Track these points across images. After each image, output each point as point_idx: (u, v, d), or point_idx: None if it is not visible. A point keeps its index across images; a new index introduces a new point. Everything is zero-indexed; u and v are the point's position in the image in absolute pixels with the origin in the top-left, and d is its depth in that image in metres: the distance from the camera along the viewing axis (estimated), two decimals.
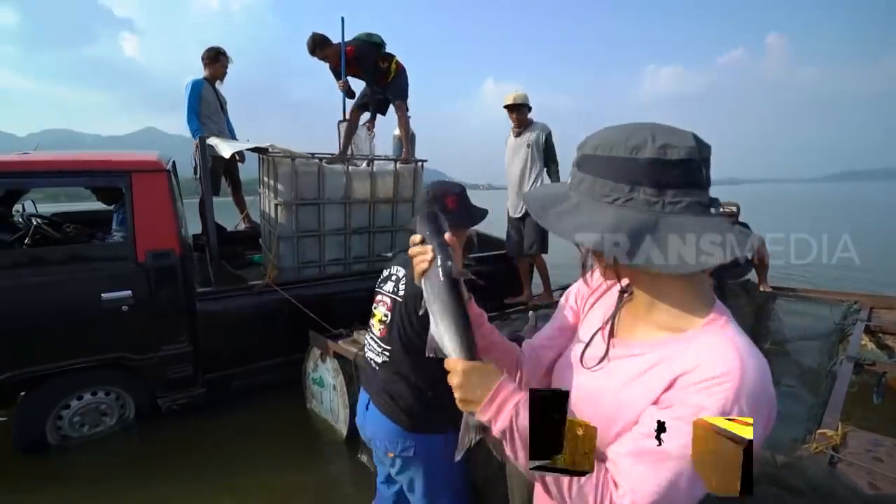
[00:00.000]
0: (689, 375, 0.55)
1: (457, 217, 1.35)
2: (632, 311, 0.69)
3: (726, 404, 0.51)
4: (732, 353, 0.55)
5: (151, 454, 2.65)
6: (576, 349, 0.75)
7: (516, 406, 0.60)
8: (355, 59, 3.93)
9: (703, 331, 0.59)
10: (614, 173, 0.58)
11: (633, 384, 0.61)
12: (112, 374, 2.67)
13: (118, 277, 2.54)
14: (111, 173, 2.62)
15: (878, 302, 3.44)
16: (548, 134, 3.76)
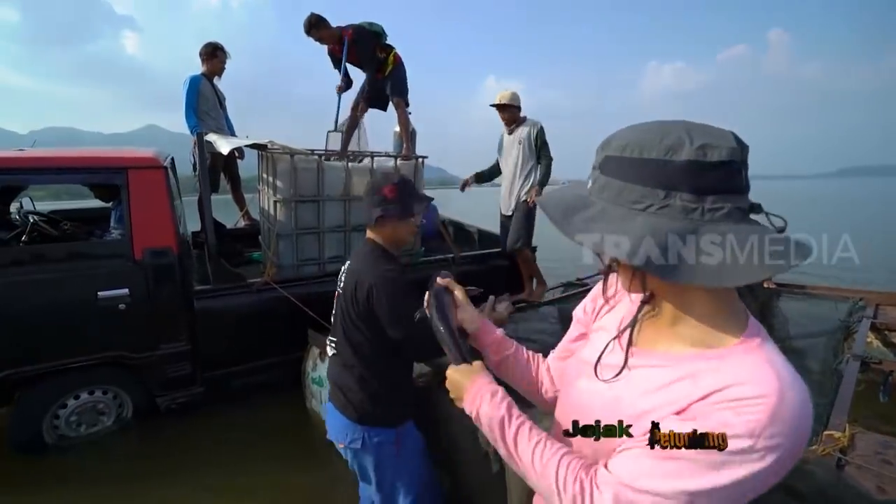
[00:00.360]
0: (719, 394, 0.50)
1: (394, 207, 1.37)
2: (653, 323, 0.63)
3: (756, 427, 0.46)
4: (771, 376, 0.49)
5: (150, 454, 2.63)
6: (586, 355, 0.72)
7: (482, 396, 0.69)
8: (354, 44, 3.87)
9: (736, 349, 0.53)
10: (647, 178, 0.52)
11: (654, 394, 0.57)
12: (110, 373, 2.65)
13: (115, 275, 2.52)
14: (108, 170, 2.59)
15: (883, 298, 3.41)
16: (539, 129, 3.68)
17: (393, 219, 1.40)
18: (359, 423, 1.39)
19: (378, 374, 1.40)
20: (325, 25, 3.83)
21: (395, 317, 1.30)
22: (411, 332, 1.27)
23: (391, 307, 1.30)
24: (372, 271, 1.34)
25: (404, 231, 1.45)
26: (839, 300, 3.52)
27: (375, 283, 1.31)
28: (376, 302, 1.31)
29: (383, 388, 1.40)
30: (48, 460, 2.53)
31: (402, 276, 1.35)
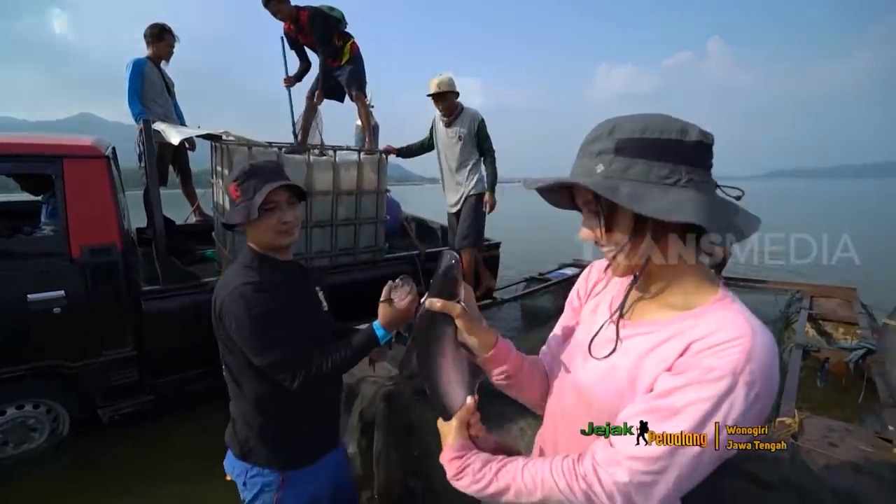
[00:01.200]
0: (700, 342, 0.57)
1: (239, 210, 1.13)
2: (641, 298, 0.70)
3: (737, 366, 0.53)
4: (742, 322, 0.57)
5: (91, 472, 2.41)
6: (580, 338, 0.77)
7: (459, 471, 0.71)
8: (309, 25, 3.70)
9: (712, 306, 0.61)
10: (670, 155, 0.58)
11: (647, 357, 0.62)
12: (42, 385, 2.40)
13: (48, 276, 2.28)
14: (39, 159, 2.33)
15: (817, 291, 3.70)
16: (480, 122, 3.52)
17: (243, 224, 1.14)
18: (240, 459, 1.19)
19: (260, 407, 1.16)
20: (285, 0, 3.65)
21: (253, 343, 1.06)
22: (278, 357, 1.06)
23: (240, 330, 1.06)
24: (224, 287, 1.11)
25: (263, 232, 1.15)
26: (779, 292, 3.79)
27: (224, 303, 1.09)
28: (229, 326, 1.08)
29: (268, 424, 1.16)
30: None
31: (259, 290, 1.08)
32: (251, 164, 1.16)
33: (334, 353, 1.11)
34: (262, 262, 1.16)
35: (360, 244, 3.79)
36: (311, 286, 1.29)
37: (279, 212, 1.14)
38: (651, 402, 0.57)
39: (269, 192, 1.09)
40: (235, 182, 1.14)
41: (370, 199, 3.81)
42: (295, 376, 1.05)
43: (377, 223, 3.89)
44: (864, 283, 4.25)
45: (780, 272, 6.14)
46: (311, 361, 1.08)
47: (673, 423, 0.54)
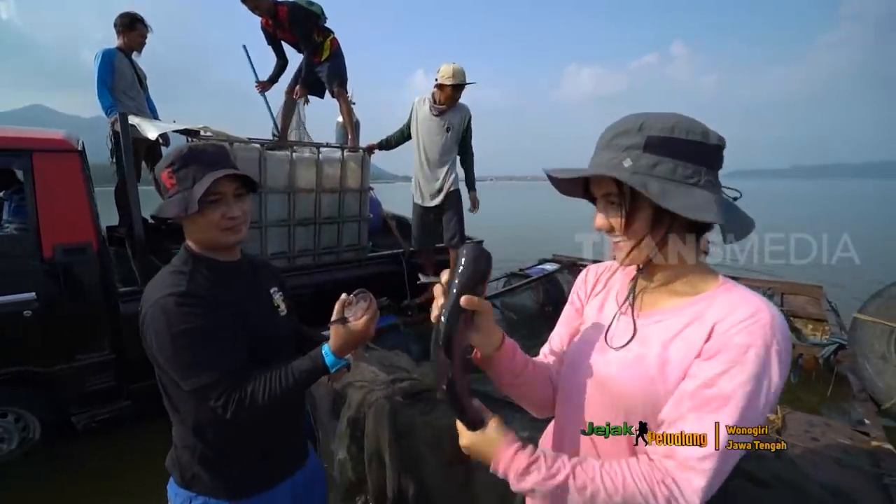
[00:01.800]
0: (722, 323, 0.60)
1: (174, 201, 0.94)
2: (647, 290, 0.73)
3: (766, 337, 0.57)
4: (754, 299, 0.62)
5: (67, 482, 2.29)
6: (591, 334, 0.77)
7: (520, 467, 0.64)
8: (287, 22, 3.59)
9: (720, 289, 0.65)
10: (694, 156, 0.62)
11: (673, 343, 0.64)
12: (10, 393, 2.27)
13: (17, 277, 2.15)
14: (5, 152, 2.19)
15: (787, 288, 3.86)
16: (470, 118, 3.42)
17: (178, 217, 0.95)
18: (182, 487, 1.03)
19: (200, 431, 0.99)
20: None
21: (176, 365, 0.90)
22: (205, 382, 0.89)
23: (161, 350, 0.90)
24: (147, 297, 0.94)
25: (203, 229, 0.97)
26: (751, 288, 3.95)
27: (146, 317, 0.92)
28: (150, 344, 0.92)
29: (210, 449, 1.01)
30: None
31: (183, 303, 0.90)
32: (191, 146, 0.96)
33: (273, 380, 0.92)
34: (195, 266, 0.97)
35: (343, 242, 3.75)
36: (261, 289, 1.11)
37: (224, 205, 0.96)
38: (699, 393, 0.59)
39: (212, 183, 0.91)
40: (170, 168, 0.93)
41: (353, 196, 3.76)
42: (227, 404, 0.88)
43: (360, 221, 3.84)
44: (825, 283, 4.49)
45: (747, 270, 6.39)
46: (245, 388, 0.90)
47: (728, 410, 0.56)
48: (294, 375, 0.94)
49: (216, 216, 0.95)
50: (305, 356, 0.97)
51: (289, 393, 0.92)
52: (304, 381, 0.95)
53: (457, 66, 3.28)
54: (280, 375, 0.93)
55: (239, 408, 0.89)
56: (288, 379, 0.93)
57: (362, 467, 2.02)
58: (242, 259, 1.09)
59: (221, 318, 0.93)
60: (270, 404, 0.90)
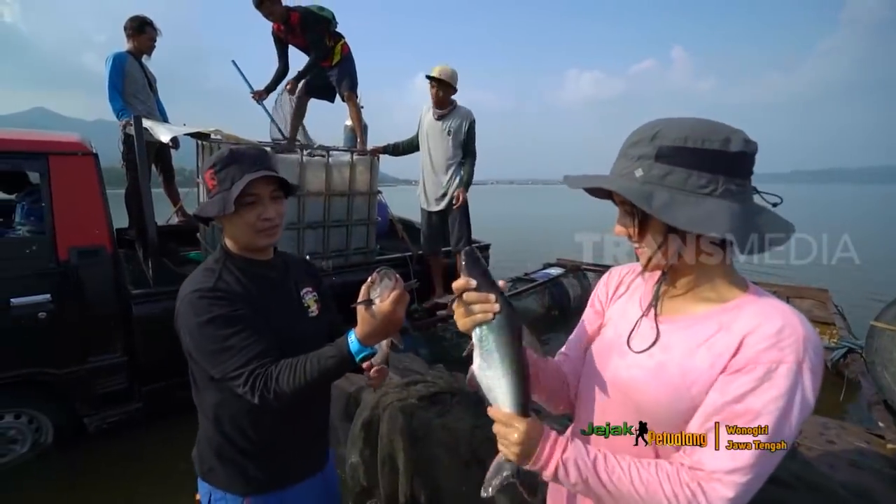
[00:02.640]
0: (752, 336, 0.59)
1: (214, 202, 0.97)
2: (671, 295, 0.72)
3: (799, 353, 0.56)
4: (786, 310, 0.60)
5: (75, 484, 2.29)
6: (611, 338, 0.78)
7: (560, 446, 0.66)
8: (299, 28, 3.63)
9: (748, 298, 0.64)
10: (710, 165, 0.60)
11: (697, 352, 0.63)
12: (24, 394, 2.27)
13: (33, 279, 2.16)
14: (21, 156, 2.20)
15: (792, 291, 3.88)
16: (472, 122, 3.45)
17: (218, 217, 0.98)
18: (202, 479, 1.07)
19: (219, 424, 1.02)
20: (277, 0, 3.56)
21: (205, 353, 0.93)
22: (232, 367, 0.90)
23: (192, 341, 0.94)
24: (181, 293, 0.98)
25: (240, 229, 1.00)
26: None
27: (178, 313, 0.97)
28: (184, 339, 0.97)
29: (227, 443, 1.02)
30: None
31: (206, 296, 0.94)
32: (232, 149, 0.98)
33: (299, 367, 0.90)
34: (226, 264, 1.01)
35: (351, 246, 3.76)
36: (291, 289, 1.11)
37: (259, 206, 0.97)
38: (727, 409, 0.58)
39: (248, 184, 0.93)
40: (212, 169, 0.97)
41: (362, 200, 3.77)
42: (253, 388, 0.88)
43: (369, 224, 3.86)
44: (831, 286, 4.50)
45: (753, 272, 6.41)
46: (271, 373, 0.90)
47: (757, 425, 0.56)
48: (319, 363, 0.89)
49: (252, 217, 0.97)
50: (332, 344, 0.92)
51: (314, 381, 0.89)
52: (330, 370, 0.90)
53: (446, 67, 3.33)
54: (305, 363, 0.90)
55: (264, 392, 0.88)
56: (312, 366, 0.89)
57: (375, 471, 2.02)
58: (276, 259, 1.11)
59: (244, 310, 0.95)
60: (296, 391, 0.88)
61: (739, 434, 0.57)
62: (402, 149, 3.76)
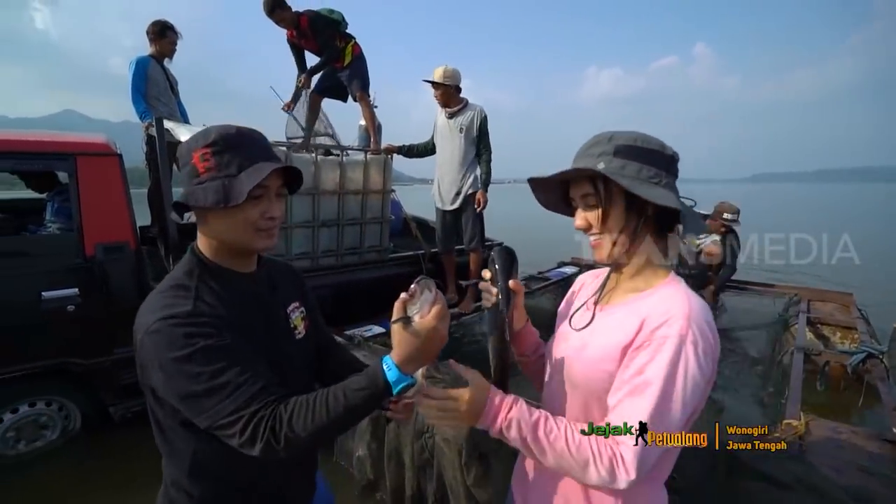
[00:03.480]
0: (649, 318, 0.71)
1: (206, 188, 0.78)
2: (615, 286, 0.85)
3: (682, 330, 0.67)
4: (682, 296, 0.72)
5: (101, 469, 2.40)
6: (563, 327, 0.91)
7: (508, 406, 0.75)
8: (310, 30, 3.71)
9: (661, 287, 0.77)
10: (655, 161, 0.74)
11: (612, 333, 0.75)
12: (54, 383, 2.39)
13: (62, 274, 2.27)
14: (52, 156, 2.32)
15: (814, 295, 3.78)
16: (483, 118, 3.39)
17: (206, 208, 0.79)
18: None
19: (195, 473, 0.84)
20: (287, 8, 3.65)
21: (186, 399, 0.72)
22: (232, 409, 0.70)
23: (169, 382, 0.72)
24: (143, 314, 0.76)
25: (233, 228, 0.81)
26: (777, 296, 3.87)
27: (143, 346, 0.74)
28: (151, 377, 0.75)
29: (210, 492, 0.85)
30: None
31: (186, 324, 0.73)
32: (238, 128, 0.81)
33: (317, 404, 0.71)
34: (202, 279, 0.80)
35: (365, 244, 3.82)
36: (278, 308, 0.93)
37: (266, 202, 0.81)
38: (632, 381, 0.69)
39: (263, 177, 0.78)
40: (209, 148, 0.77)
41: (376, 198, 3.83)
42: (255, 437, 0.69)
43: (382, 223, 3.91)
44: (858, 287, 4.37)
45: (776, 275, 6.26)
46: (279, 415, 0.70)
47: (650, 391, 0.66)
48: (346, 398, 0.71)
49: (255, 213, 0.80)
50: (360, 373, 0.75)
51: (338, 422, 0.71)
52: (359, 407, 0.72)
53: (446, 68, 3.31)
54: (326, 398, 0.72)
55: (271, 440, 0.69)
56: (336, 402, 0.71)
57: (381, 465, 2.07)
58: (260, 270, 0.92)
59: (231, 339, 0.75)
60: (314, 436, 0.70)
61: (638, 398, 0.67)
62: (416, 151, 3.77)
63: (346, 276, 3.51)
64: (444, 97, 3.36)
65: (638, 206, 0.75)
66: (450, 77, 3.30)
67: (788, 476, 1.32)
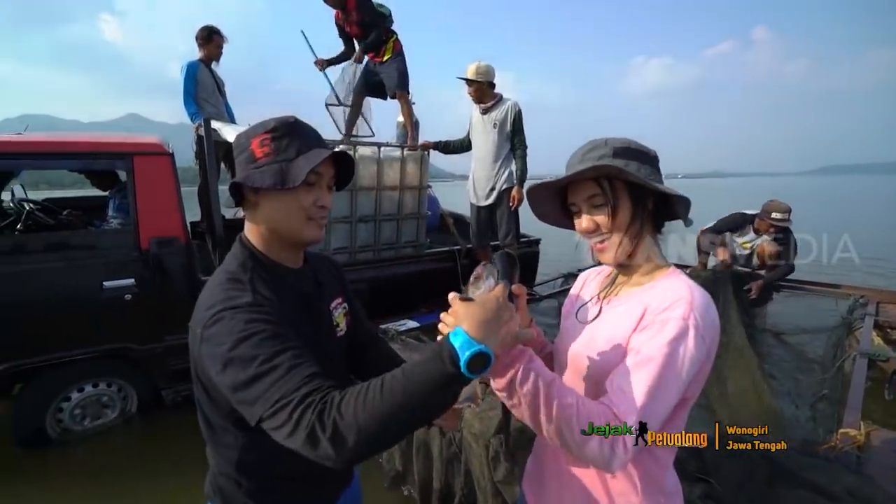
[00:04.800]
0: (653, 303, 0.74)
1: (264, 171, 0.79)
2: (619, 279, 0.87)
3: (685, 314, 0.70)
4: (684, 286, 0.75)
5: (155, 448, 2.58)
6: (569, 323, 0.92)
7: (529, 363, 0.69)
8: (355, 12, 3.77)
9: (663, 279, 0.80)
10: (648, 161, 0.79)
11: (619, 322, 0.78)
12: (114, 366, 2.59)
13: (121, 265, 2.45)
14: (112, 156, 2.51)
15: (884, 296, 3.47)
16: (517, 112, 3.38)
17: (266, 191, 0.79)
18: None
19: (245, 467, 0.85)
20: None
21: (241, 389, 0.67)
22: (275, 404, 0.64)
23: (224, 375, 0.69)
24: (201, 309, 0.75)
25: (286, 213, 0.80)
26: (840, 297, 3.58)
27: (202, 336, 0.72)
28: (210, 368, 0.72)
29: (258, 482, 0.86)
30: (52, 453, 2.48)
31: (250, 312, 0.71)
32: (295, 118, 0.83)
33: (371, 389, 0.62)
34: (255, 270, 0.80)
35: (402, 239, 3.87)
36: (324, 305, 0.93)
37: (318, 190, 0.81)
38: (633, 359, 0.71)
39: (321, 160, 0.78)
40: (269, 133, 0.79)
41: (412, 194, 3.86)
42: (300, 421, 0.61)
43: (419, 218, 3.95)
44: None
45: (839, 275, 5.80)
46: (333, 401, 0.62)
47: (651, 365, 0.68)
48: (404, 375, 0.61)
49: (308, 200, 0.80)
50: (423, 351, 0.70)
51: (398, 406, 0.60)
52: (422, 385, 0.60)
53: (479, 65, 3.32)
54: (383, 380, 0.62)
55: (317, 428, 0.60)
56: (394, 381, 0.61)
57: (410, 457, 2.10)
58: (306, 267, 0.92)
59: (288, 329, 0.73)
60: (369, 425, 0.59)
61: (639, 372, 0.69)
62: (452, 147, 3.80)
63: (382, 270, 3.57)
64: (478, 93, 3.37)
65: (642, 204, 0.79)
66: (483, 73, 3.31)
67: (839, 487, 1.22)
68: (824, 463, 1.50)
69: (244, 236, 0.86)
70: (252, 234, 0.85)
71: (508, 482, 1.61)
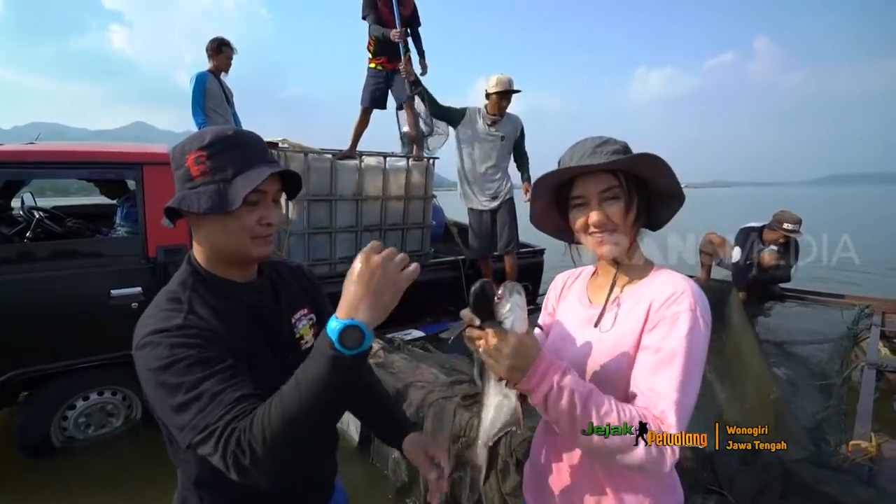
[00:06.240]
0: (657, 299, 0.77)
1: (199, 192, 0.75)
2: (612, 280, 0.87)
3: (692, 306, 0.74)
4: (679, 278, 0.79)
5: (159, 455, 2.56)
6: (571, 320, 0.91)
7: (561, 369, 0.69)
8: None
9: (655, 274, 0.83)
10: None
11: (625, 322, 0.80)
12: (119, 374, 2.58)
13: (128, 274, 2.46)
14: (120, 165, 2.53)
15: (890, 306, 3.45)
16: (522, 129, 3.61)
17: (200, 215, 0.75)
18: None
19: (202, 485, 0.82)
20: None
21: (168, 415, 0.67)
22: (201, 433, 0.63)
23: (152, 399, 0.69)
24: (137, 329, 0.73)
25: (228, 234, 0.77)
26: (845, 307, 3.56)
27: (135, 358, 0.71)
28: (145, 389, 0.70)
29: (221, 500, 0.83)
30: (56, 462, 2.47)
31: (175, 337, 0.69)
32: (235, 129, 0.79)
33: (275, 397, 0.63)
34: (196, 291, 0.77)
35: (407, 248, 3.88)
36: (282, 318, 0.87)
37: (262, 207, 0.78)
38: (652, 358, 0.73)
39: (261, 181, 0.74)
40: (204, 151, 0.74)
41: (417, 204, 3.89)
42: (226, 453, 0.61)
43: (424, 228, 3.96)
44: None
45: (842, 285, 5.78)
46: (246, 426, 0.62)
47: (676, 360, 0.71)
48: (296, 379, 0.63)
49: (251, 219, 0.76)
50: None
51: (296, 407, 0.61)
52: (313, 381, 0.62)
53: (502, 76, 3.38)
54: (282, 388, 0.64)
55: (238, 454, 0.60)
56: (289, 385, 0.63)
57: (416, 468, 2.08)
58: (261, 280, 0.87)
59: (220, 352, 0.70)
60: (277, 434, 0.60)
61: (667, 369, 0.71)
62: (439, 111, 3.62)
63: None
64: (504, 105, 3.41)
65: (646, 202, 0.83)
66: (509, 84, 3.37)
67: (852, 499, 1.21)
68: (837, 475, 1.49)
69: (191, 253, 0.83)
70: (197, 252, 0.82)
71: (518, 496, 1.60)
